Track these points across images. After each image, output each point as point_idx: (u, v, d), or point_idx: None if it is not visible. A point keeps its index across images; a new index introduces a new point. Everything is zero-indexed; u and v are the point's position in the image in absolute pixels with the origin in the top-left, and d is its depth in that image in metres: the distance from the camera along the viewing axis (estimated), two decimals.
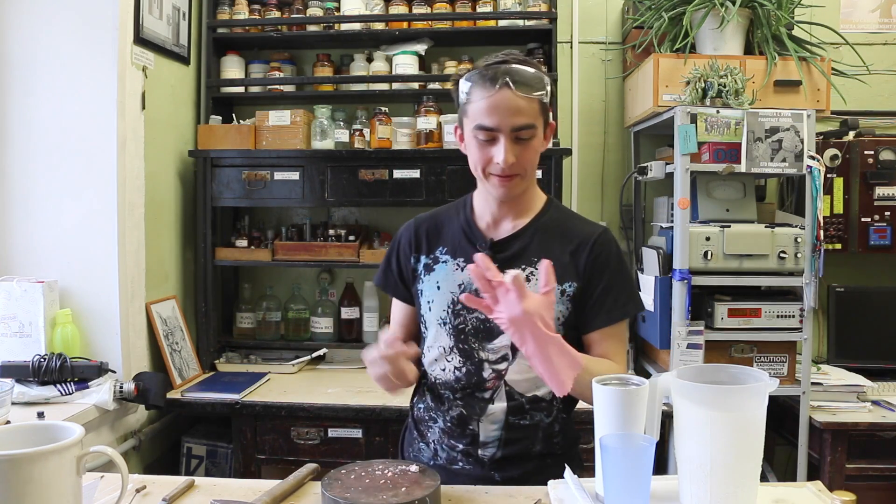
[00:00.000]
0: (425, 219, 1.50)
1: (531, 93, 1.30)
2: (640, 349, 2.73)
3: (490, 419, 1.38)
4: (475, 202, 1.46)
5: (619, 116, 2.94)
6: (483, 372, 1.38)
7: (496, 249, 1.39)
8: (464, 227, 1.44)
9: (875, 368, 2.52)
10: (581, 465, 1.55)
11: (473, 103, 1.31)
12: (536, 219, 1.42)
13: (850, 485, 2.16)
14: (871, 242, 2.60)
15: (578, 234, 1.41)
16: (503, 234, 1.41)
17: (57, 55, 2.25)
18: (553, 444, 1.43)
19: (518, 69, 1.30)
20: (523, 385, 1.38)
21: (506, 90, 1.28)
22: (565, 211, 1.50)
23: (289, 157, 2.66)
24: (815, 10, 2.66)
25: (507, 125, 1.29)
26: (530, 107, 1.30)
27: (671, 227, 2.34)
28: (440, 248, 1.44)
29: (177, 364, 2.53)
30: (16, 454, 0.90)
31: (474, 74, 1.32)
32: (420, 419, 1.49)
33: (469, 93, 1.32)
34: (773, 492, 1.22)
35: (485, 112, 1.29)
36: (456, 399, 1.41)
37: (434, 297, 1.42)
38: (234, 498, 1.22)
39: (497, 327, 1.33)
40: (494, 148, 1.31)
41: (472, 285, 1.35)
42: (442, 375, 1.42)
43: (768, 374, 1.08)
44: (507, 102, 1.28)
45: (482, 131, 1.30)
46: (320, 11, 2.81)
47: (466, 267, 1.36)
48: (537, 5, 2.72)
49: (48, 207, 2.28)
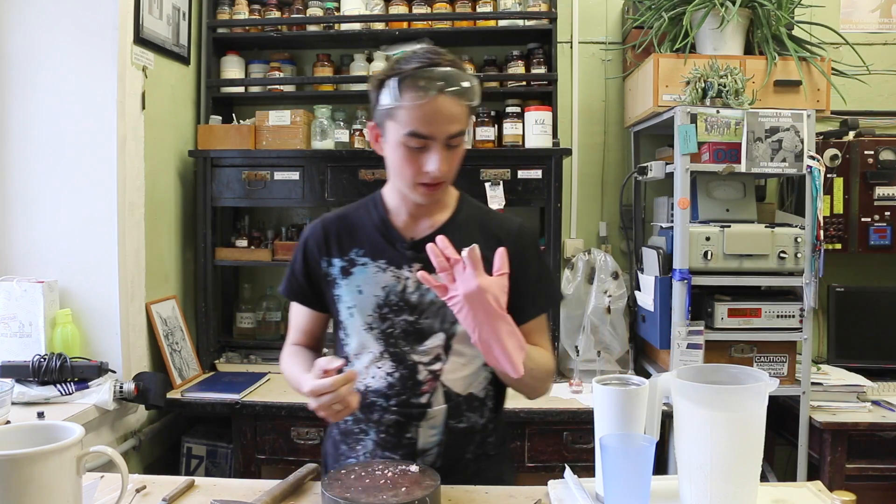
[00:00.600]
0: (333, 219, 1.42)
1: (467, 100, 1.25)
2: (640, 349, 2.73)
3: (430, 423, 1.34)
4: (387, 200, 1.39)
5: (619, 116, 2.94)
6: (417, 375, 1.34)
7: (416, 248, 1.33)
8: (379, 226, 1.38)
9: (875, 368, 2.52)
10: (512, 465, 1.56)
11: (405, 108, 1.23)
12: (454, 216, 1.38)
13: (850, 485, 2.16)
14: (871, 242, 2.60)
15: (498, 228, 1.38)
16: (422, 232, 1.36)
17: (57, 55, 2.25)
18: (487, 445, 1.41)
19: (454, 75, 1.24)
20: (460, 384, 1.35)
21: (443, 98, 1.22)
22: (478, 206, 1.45)
23: (289, 157, 2.66)
24: (815, 10, 2.66)
25: (442, 133, 1.23)
26: (463, 113, 1.25)
27: (671, 227, 2.34)
28: (355, 249, 1.37)
29: (177, 364, 2.53)
30: (16, 454, 0.90)
31: (407, 77, 1.23)
32: (347, 432, 1.42)
33: (400, 97, 1.23)
34: (773, 492, 1.22)
35: (420, 119, 1.22)
36: (390, 406, 1.35)
37: (356, 303, 1.35)
38: (234, 498, 1.22)
39: (428, 328, 1.33)
40: (426, 156, 1.24)
41: (398, 287, 1.33)
42: (373, 383, 1.36)
43: (768, 374, 1.08)
44: (445, 110, 1.22)
45: (415, 138, 1.23)
46: (320, 11, 2.81)
47: (388, 268, 1.34)
48: (537, 5, 2.72)
49: (48, 207, 2.28)
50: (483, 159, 2.58)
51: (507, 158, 2.59)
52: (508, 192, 2.55)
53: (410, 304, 1.34)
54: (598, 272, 2.67)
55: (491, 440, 1.42)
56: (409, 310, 1.34)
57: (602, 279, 2.66)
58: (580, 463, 2.20)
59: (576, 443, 2.31)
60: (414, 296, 1.34)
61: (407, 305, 1.34)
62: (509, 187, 2.56)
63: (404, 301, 1.34)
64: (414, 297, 1.34)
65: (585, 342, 2.61)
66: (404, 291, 1.34)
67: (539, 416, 2.28)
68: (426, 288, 1.32)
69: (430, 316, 1.34)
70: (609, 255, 2.73)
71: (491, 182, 2.55)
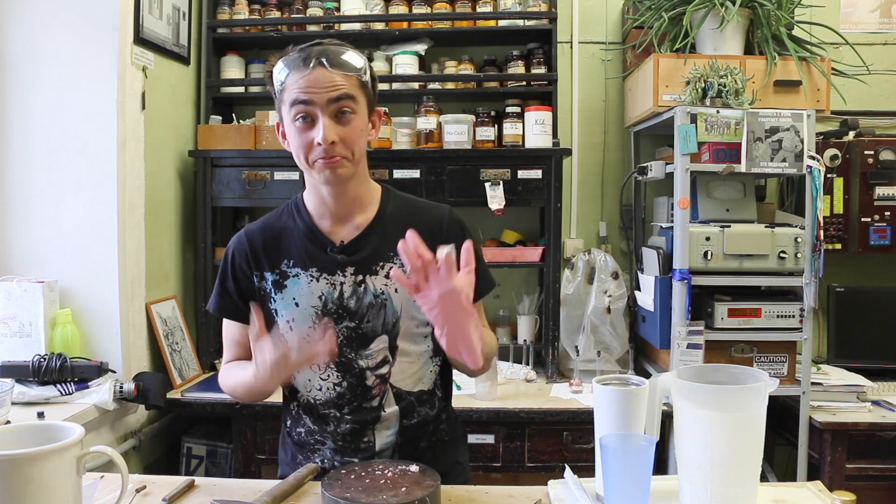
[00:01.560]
0: (256, 231, 1.38)
1: (347, 70, 1.25)
2: (640, 349, 2.73)
3: (385, 425, 1.35)
4: (308, 205, 1.37)
5: (619, 116, 2.94)
6: (366, 381, 1.34)
7: (347, 252, 1.33)
8: (306, 234, 1.35)
9: (875, 368, 2.52)
10: (466, 447, 1.57)
11: (288, 88, 1.25)
12: (380, 212, 1.36)
13: (850, 485, 2.16)
14: (871, 242, 2.60)
15: (427, 218, 1.38)
16: (350, 235, 1.34)
17: (57, 55, 2.25)
18: (440, 433, 1.43)
19: (332, 48, 1.26)
20: (408, 382, 1.36)
21: (320, 68, 1.23)
22: (404, 197, 1.43)
23: (289, 157, 2.58)
24: (815, 10, 2.66)
25: (323, 98, 1.23)
26: (348, 82, 1.25)
27: (671, 227, 2.34)
28: (284, 261, 1.34)
29: (177, 364, 2.53)
30: (16, 454, 0.90)
31: (287, 59, 1.26)
32: (302, 443, 1.41)
33: (284, 80, 1.26)
34: (773, 492, 1.22)
35: (300, 89, 1.23)
36: (344, 415, 1.35)
37: (294, 316, 1.33)
38: (234, 498, 1.22)
39: (371, 331, 1.32)
40: (314, 129, 1.24)
41: (334, 294, 1.31)
42: (320, 395, 1.35)
43: (768, 374, 1.08)
44: (324, 78, 1.23)
45: (299, 108, 1.24)
46: (320, 11, 2.81)
47: (321, 276, 1.32)
48: (537, 5, 2.72)
49: (48, 207, 2.28)
50: (483, 159, 2.58)
51: (507, 158, 2.59)
52: (508, 192, 2.55)
53: (350, 311, 1.33)
54: (598, 272, 2.67)
55: (443, 426, 1.44)
56: (349, 316, 1.33)
57: (602, 279, 2.66)
58: (580, 463, 2.20)
59: (576, 443, 2.31)
60: (352, 301, 1.33)
61: (346, 312, 1.33)
62: (509, 187, 2.56)
63: (343, 308, 1.33)
64: (352, 302, 1.33)
65: (585, 342, 2.61)
66: (342, 297, 1.33)
67: (539, 416, 2.28)
68: (362, 291, 1.32)
69: (370, 319, 1.33)
70: (609, 255, 2.73)
71: (491, 182, 2.55)
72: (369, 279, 1.33)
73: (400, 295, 1.33)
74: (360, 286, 1.33)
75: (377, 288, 1.33)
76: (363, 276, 1.33)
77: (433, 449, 1.42)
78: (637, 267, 2.67)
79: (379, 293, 1.33)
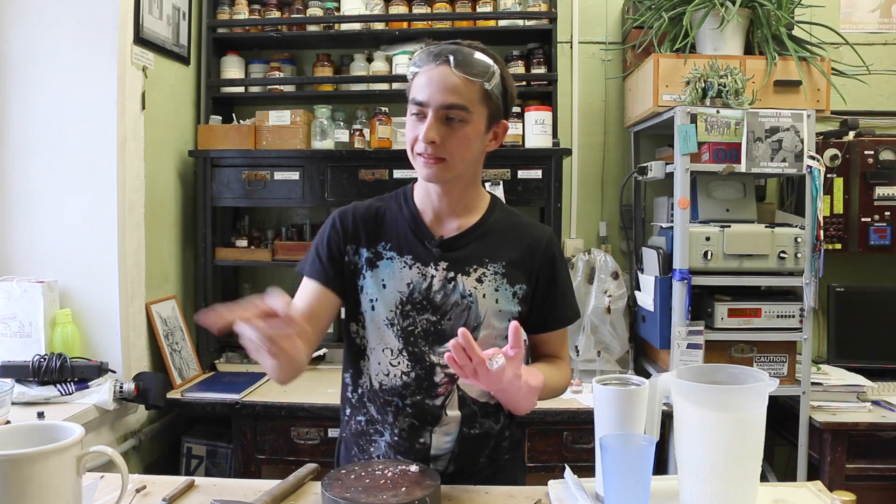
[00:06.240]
0: (363, 208, 1.40)
1: (471, 74, 1.25)
2: (640, 349, 2.73)
3: (444, 430, 1.33)
4: (416, 196, 1.39)
5: (619, 116, 2.94)
6: (434, 376, 1.32)
7: (445, 247, 1.34)
8: (409, 222, 1.36)
9: (875, 368, 2.52)
10: (524, 467, 1.54)
11: (413, 83, 1.28)
12: (484, 219, 1.37)
13: (850, 485, 2.16)
14: (871, 242, 2.60)
15: (528, 236, 1.38)
16: (450, 232, 1.35)
17: (57, 55, 2.25)
18: (501, 450, 1.40)
19: (464, 51, 1.26)
20: (476, 390, 1.33)
21: (444, 66, 1.24)
22: (511, 212, 1.44)
23: (289, 157, 2.66)
24: (815, 10, 2.66)
25: (436, 101, 1.24)
26: (467, 89, 1.25)
27: (671, 227, 2.34)
28: (383, 242, 1.35)
29: (177, 364, 2.53)
30: (16, 454, 0.90)
31: (421, 53, 1.29)
32: (360, 433, 1.39)
33: (413, 75, 1.29)
34: (773, 492, 1.22)
35: (418, 87, 1.26)
36: (405, 407, 1.33)
37: (378, 296, 1.33)
38: (234, 498, 1.22)
39: (449, 330, 1.31)
40: (423, 125, 1.26)
41: (423, 284, 1.32)
42: (387, 381, 1.34)
43: (768, 374, 1.08)
44: (443, 78, 1.24)
45: (414, 105, 1.27)
46: (320, 11, 2.81)
47: (414, 264, 1.33)
48: (537, 5, 2.72)
49: (48, 207, 2.28)
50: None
51: (507, 158, 2.59)
52: (508, 192, 2.55)
53: (434, 304, 1.32)
54: (598, 272, 2.67)
55: (505, 444, 1.41)
56: (433, 310, 1.32)
57: (602, 279, 2.66)
58: (580, 463, 2.20)
59: (576, 443, 2.31)
60: (438, 295, 1.32)
61: (430, 305, 1.32)
62: (509, 187, 2.56)
63: (428, 300, 1.32)
64: (438, 296, 1.32)
65: (585, 342, 2.61)
66: (429, 290, 1.32)
67: (539, 416, 2.28)
68: (451, 288, 1.32)
69: (452, 318, 1.32)
70: (609, 255, 2.73)
71: (491, 182, 2.55)
72: (460, 278, 1.32)
73: (487, 301, 1.32)
74: (450, 283, 1.32)
75: (466, 289, 1.32)
76: (455, 274, 1.32)
77: (492, 465, 1.38)
78: (637, 267, 2.67)
79: (467, 294, 1.32)
